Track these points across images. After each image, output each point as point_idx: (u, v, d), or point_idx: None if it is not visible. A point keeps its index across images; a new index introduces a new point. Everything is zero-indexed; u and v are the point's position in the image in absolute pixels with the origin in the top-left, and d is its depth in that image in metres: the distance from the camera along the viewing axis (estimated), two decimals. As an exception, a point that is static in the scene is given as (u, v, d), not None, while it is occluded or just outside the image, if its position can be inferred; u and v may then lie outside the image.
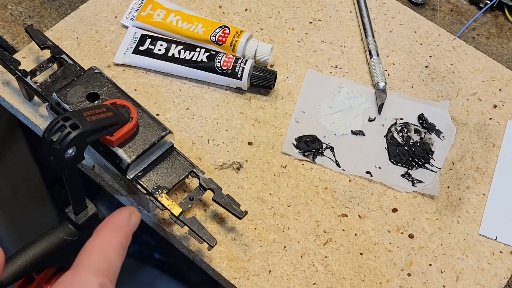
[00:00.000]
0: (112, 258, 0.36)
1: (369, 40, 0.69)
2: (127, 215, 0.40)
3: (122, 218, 0.39)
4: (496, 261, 0.57)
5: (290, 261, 0.55)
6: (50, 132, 0.43)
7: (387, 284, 0.55)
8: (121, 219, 0.39)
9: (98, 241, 0.37)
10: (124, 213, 0.40)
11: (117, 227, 0.39)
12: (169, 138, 0.54)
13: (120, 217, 0.39)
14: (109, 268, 0.36)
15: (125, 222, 0.39)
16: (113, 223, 0.39)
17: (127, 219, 0.40)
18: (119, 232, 0.38)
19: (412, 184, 0.60)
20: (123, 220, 0.39)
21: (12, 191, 0.99)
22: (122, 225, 0.39)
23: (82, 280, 0.34)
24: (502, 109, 0.66)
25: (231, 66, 0.63)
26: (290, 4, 0.73)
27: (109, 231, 0.38)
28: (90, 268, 0.35)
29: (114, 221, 0.39)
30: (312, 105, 0.65)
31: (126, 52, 0.66)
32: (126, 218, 0.40)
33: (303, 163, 0.61)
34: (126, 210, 0.41)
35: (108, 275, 0.35)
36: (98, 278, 0.35)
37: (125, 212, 0.40)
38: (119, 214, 0.40)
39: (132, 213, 0.41)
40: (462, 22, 0.75)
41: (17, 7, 0.71)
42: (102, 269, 0.35)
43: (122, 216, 0.40)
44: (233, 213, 0.53)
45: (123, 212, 0.40)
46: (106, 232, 0.38)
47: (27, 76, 0.58)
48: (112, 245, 0.37)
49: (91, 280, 0.34)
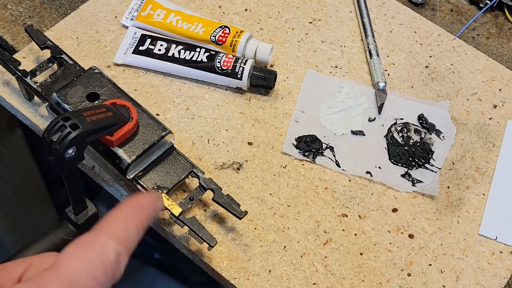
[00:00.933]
0: (132, 232, 0.37)
1: (369, 40, 0.69)
2: (154, 199, 0.40)
3: (149, 200, 0.40)
4: (496, 261, 0.57)
5: (290, 261, 0.55)
6: (50, 132, 0.43)
7: (387, 284, 0.55)
8: (148, 200, 0.40)
9: (122, 213, 0.38)
10: (152, 196, 0.41)
11: (142, 205, 0.39)
12: (169, 138, 0.54)
13: (148, 199, 0.40)
14: (128, 239, 0.36)
15: (151, 204, 0.40)
16: (140, 201, 0.39)
17: (154, 203, 0.40)
18: (143, 211, 0.39)
19: (412, 184, 0.60)
20: (149, 201, 0.40)
21: (12, 191, 0.99)
22: (148, 205, 0.39)
23: (101, 243, 0.34)
24: (502, 109, 0.66)
25: (231, 66, 0.63)
26: (290, 4, 0.73)
27: (135, 207, 0.38)
28: (111, 234, 0.35)
29: (141, 200, 0.39)
30: (312, 105, 0.65)
31: (126, 52, 0.66)
32: (153, 201, 0.40)
33: (303, 163, 0.61)
34: (154, 195, 0.41)
35: (126, 246, 0.36)
36: (116, 245, 0.35)
37: (153, 196, 0.41)
38: (147, 196, 0.41)
39: (158, 199, 0.41)
40: (462, 22, 0.75)
41: (17, 7, 0.71)
42: (121, 238, 0.36)
43: (150, 198, 0.40)
44: (233, 213, 0.53)
45: (151, 195, 0.41)
46: (131, 207, 0.38)
47: (27, 76, 0.58)
48: (135, 220, 0.37)
49: (109, 245, 0.35)
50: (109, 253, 0.34)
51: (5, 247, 1.05)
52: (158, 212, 0.42)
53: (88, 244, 0.34)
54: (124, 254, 0.35)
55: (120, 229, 0.36)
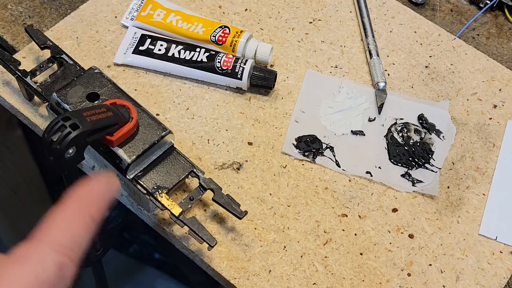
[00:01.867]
0: (78, 234, 0.31)
1: (369, 40, 0.69)
2: (104, 184, 0.34)
3: (98, 185, 0.33)
4: (496, 261, 0.57)
5: (290, 261, 0.55)
6: (50, 132, 0.43)
7: (387, 284, 0.55)
8: (96, 187, 0.33)
9: (65, 212, 0.32)
10: (100, 179, 0.34)
11: (90, 196, 0.33)
12: (169, 138, 0.54)
13: (96, 184, 0.33)
14: (72, 245, 0.31)
15: (101, 192, 0.33)
16: (85, 192, 0.33)
17: (104, 189, 0.33)
18: (91, 202, 0.32)
19: (412, 184, 0.60)
20: (99, 187, 0.33)
21: (12, 191, 0.99)
22: (97, 193, 0.33)
23: (38, 256, 0.29)
24: (502, 109, 0.66)
25: (231, 66, 0.63)
26: (290, 4, 0.73)
27: (80, 200, 0.32)
28: (50, 243, 0.30)
29: (88, 189, 0.33)
30: (312, 105, 0.65)
31: (126, 52, 0.66)
32: (103, 186, 0.33)
33: (303, 163, 0.61)
34: (103, 178, 0.34)
35: (69, 254, 0.30)
36: (57, 256, 0.30)
37: (102, 178, 0.34)
38: (95, 181, 0.34)
39: (110, 182, 0.34)
40: (462, 22, 0.75)
41: (17, 7, 0.71)
42: (63, 246, 0.30)
43: (98, 183, 0.33)
44: (233, 213, 0.53)
45: (100, 178, 0.34)
46: (75, 202, 0.32)
47: (27, 76, 0.58)
48: (81, 218, 0.31)
49: (47, 257, 0.30)
50: (48, 270, 0.29)
51: (5, 247, 1.05)
52: (114, 195, 0.35)
53: (22, 260, 0.29)
54: (68, 264, 0.30)
55: (63, 235, 0.31)
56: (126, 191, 0.57)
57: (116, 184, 0.35)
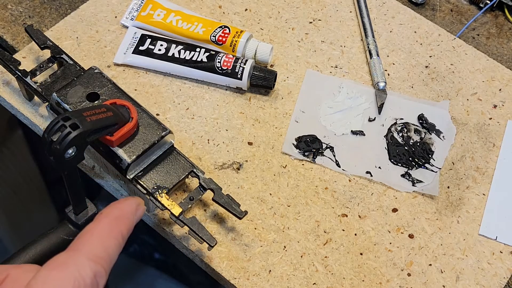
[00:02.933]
0: (111, 248, 0.35)
1: (369, 40, 0.69)
2: (134, 206, 0.38)
3: (128, 209, 0.38)
4: (496, 261, 0.57)
5: (290, 261, 0.55)
6: (50, 132, 0.43)
7: (387, 284, 0.55)
8: (127, 209, 0.38)
9: (100, 228, 0.36)
10: (131, 203, 0.38)
11: (121, 216, 0.37)
12: (169, 138, 0.54)
13: (127, 207, 0.38)
14: (106, 257, 0.34)
15: (131, 213, 0.38)
16: (118, 212, 0.37)
17: (134, 210, 0.38)
18: (123, 222, 0.37)
19: (412, 184, 0.60)
20: (129, 210, 0.38)
21: (12, 191, 0.99)
22: (127, 215, 0.37)
23: (77, 264, 0.32)
24: (502, 109, 0.66)
25: (231, 66, 0.63)
26: (290, 4, 0.73)
27: (113, 219, 0.36)
28: (88, 253, 0.34)
29: (120, 210, 0.37)
30: (312, 105, 0.65)
31: (126, 52, 0.66)
32: (133, 209, 0.38)
33: (303, 163, 0.61)
34: (133, 200, 0.39)
35: (104, 264, 0.34)
36: (94, 265, 0.33)
37: (132, 202, 0.39)
38: (126, 204, 0.38)
39: (139, 205, 0.39)
40: (462, 22, 0.75)
41: (17, 7, 0.71)
42: (99, 257, 0.34)
43: (129, 207, 0.38)
44: (233, 213, 0.53)
45: (130, 202, 0.39)
46: (109, 220, 0.36)
47: (27, 76, 0.58)
48: (114, 234, 0.36)
49: (85, 266, 0.33)
50: (85, 276, 0.32)
51: (5, 247, 1.05)
52: (140, 217, 0.40)
53: (62, 265, 0.32)
54: (102, 274, 0.34)
55: (98, 247, 0.34)
56: (126, 191, 0.57)
57: (143, 208, 0.40)
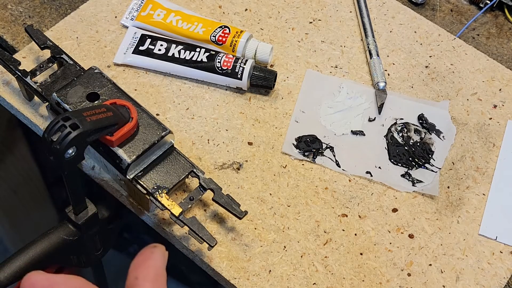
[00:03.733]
0: None
1: (369, 40, 0.69)
2: (163, 259, 0.38)
3: (160, 264, 0.38)
4: (496, 261, 0.57)
5: (290, 261, 0.55)
6: (50, 132, 0.43)
7: (387, 284, 0.55)
8: (159, 265, 0.38)
9: None
10: (158, 257, 0.38)
11: (159, 274, 0.37)
12: (169, 138, 0.54)
13: (159, 263, 0.38)
14: None
15: (163, 268, 0.38)
16: (153, 271, 0.37)
17: (164, 264, 0.38)
18: (161, 282, 0.37)
19: (412, 184, 0.60)
20: (161, 265, 0.38)
21: (12, 191, 0.99)
22: (161, 271, 0.37)
23: None
24: (502, 109, 0.66)
25: (231, 66, 0.63)
26: (290, 4, 0.73)
27: (154, 282, 0.37)
28: None
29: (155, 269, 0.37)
30: (312, 105, 0.65)
31: (126, 52, 0.66)
32: (164, 263, 0.38)
33: (303, 163, 0.61)
34: (159, 252, 0.39)
35: None
36: None
37: (159, 256, 0.38)
38: (155, 260, 0.38)
39: (164, 254, 0.39)
40: (462, 22, 0.75)
41: (17, 7, 0.71)
42: None
43: (159, 262, 0.38)
44: (233, 213, 0.53)
45: (157, 256, 0.38)
46: (151, 284, 0.36)
47: (27, 76, 0.58)
48: None
49: None
50: None
51: (5, 247, 1.05)
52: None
53: None
54: None
55: None
56: (126, 191, 0.57)
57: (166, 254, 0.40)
